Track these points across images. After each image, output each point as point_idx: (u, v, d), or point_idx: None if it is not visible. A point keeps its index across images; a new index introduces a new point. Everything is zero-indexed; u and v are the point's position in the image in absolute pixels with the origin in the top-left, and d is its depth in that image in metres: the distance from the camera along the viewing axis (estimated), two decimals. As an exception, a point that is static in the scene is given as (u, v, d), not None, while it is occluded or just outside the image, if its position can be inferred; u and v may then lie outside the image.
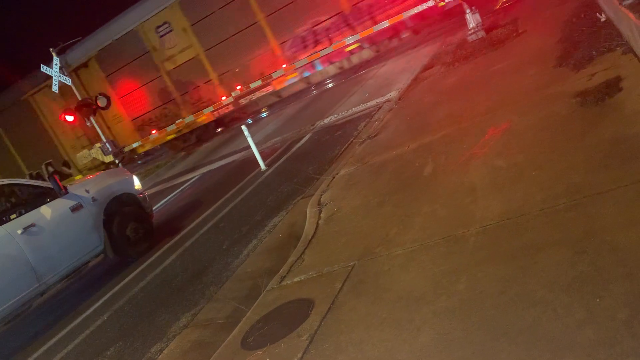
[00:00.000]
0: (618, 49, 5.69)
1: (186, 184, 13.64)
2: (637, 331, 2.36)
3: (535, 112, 5.41)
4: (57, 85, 18.26)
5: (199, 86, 18.76)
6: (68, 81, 18.17)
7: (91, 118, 18.36)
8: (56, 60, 17.82)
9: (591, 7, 7.62)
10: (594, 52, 5.98)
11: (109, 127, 20.69)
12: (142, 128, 20.39)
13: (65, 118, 18.12)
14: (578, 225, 3.28)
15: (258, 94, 18.09)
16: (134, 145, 20.75)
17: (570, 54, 6.42)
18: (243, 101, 18.43)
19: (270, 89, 17.88)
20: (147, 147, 21.05)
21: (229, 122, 20.10)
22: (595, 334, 2.46)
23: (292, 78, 17.51)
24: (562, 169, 4.06)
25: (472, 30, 11.25)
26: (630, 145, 3.82)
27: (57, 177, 7.57)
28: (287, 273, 4.87)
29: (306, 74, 17.53)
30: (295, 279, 4.67)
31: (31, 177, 21.64)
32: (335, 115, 11.97)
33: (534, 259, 3.20)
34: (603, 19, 6.79)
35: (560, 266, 3.01)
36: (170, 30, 18.19)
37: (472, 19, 11.31)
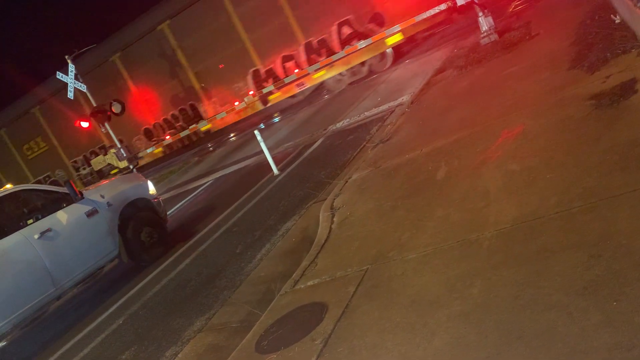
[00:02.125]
0: (633, 50, 5.64)
1: (200, 189, 13.73)
2: (654, 335, 2.34)
3: (549, 115, 5.38)
4: (73, 92, 18.48)
5: None
6: (83, 87, 18.38)
7: (106, 124, 18.56)
8: (71, 67, 18.05)
9: (605, 9, 7.56)
10: (608, 54, 5.93)
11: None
12: None
13: (80, 124, 18.33)
14: (593, 229, 3.25)
15: None
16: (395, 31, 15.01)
17: (584, 56, 6.38)
18: None
19: None
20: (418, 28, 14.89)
21: None
22: (612, 338, 2.43)
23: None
24: (576, 172, 4.03)
25: (485, 34, 11.22)
26: (646, 148, 3.79)
27: (72, 182, 7.67)
28: (300, 277, 4.88)
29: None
30: (309, 283, 4.68)
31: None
32: (348, 120, 11.98)
33: (549, 263, 3.17)
34: (617, 21, 6.73)
35: (576, 270, 2.99)
36: None
37: (485, 22, 11.28)
